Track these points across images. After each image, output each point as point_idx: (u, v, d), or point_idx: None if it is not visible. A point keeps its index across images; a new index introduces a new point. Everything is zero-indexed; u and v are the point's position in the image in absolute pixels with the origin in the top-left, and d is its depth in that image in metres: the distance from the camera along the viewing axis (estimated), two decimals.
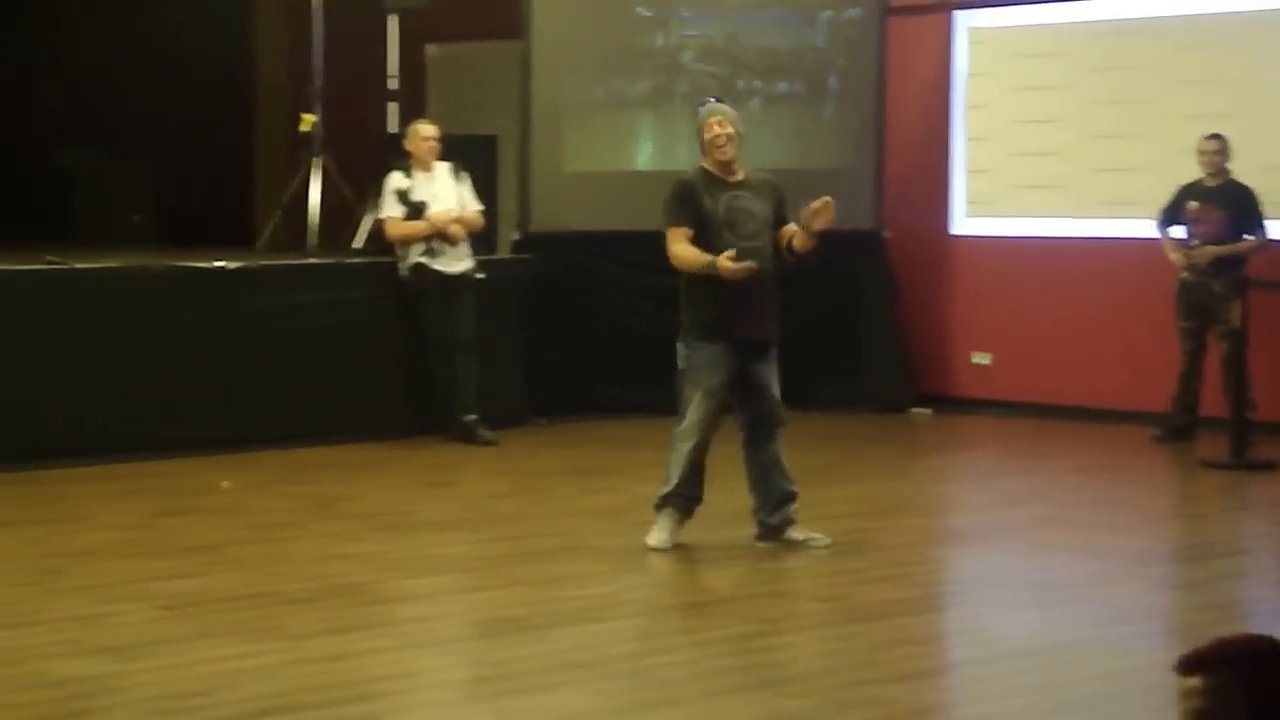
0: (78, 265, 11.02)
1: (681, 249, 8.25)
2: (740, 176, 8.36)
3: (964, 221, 13.55)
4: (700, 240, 8.22)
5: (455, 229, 11.65)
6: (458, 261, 11.74)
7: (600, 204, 13.12)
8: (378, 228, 12.04)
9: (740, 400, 8.33)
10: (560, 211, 13.04)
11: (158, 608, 7.21)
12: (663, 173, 13.46)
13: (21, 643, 6.66)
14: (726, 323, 8.20)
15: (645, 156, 13.69)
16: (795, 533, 8.37)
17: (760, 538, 8.37)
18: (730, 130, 8.31)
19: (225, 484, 10.04)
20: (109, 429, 10.67)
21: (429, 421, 11.74)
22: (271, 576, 7.80)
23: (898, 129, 13.48)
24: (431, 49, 15.39)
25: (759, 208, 8.32)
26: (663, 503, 8.35)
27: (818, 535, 8.38)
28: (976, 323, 13.42)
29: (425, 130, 11.80)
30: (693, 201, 8.27)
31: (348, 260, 12.31)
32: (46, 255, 11.12)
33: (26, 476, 10.01)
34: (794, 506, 8.40)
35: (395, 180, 11.72)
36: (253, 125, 16.11)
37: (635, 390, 12.90)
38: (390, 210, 11.73)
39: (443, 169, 11.79)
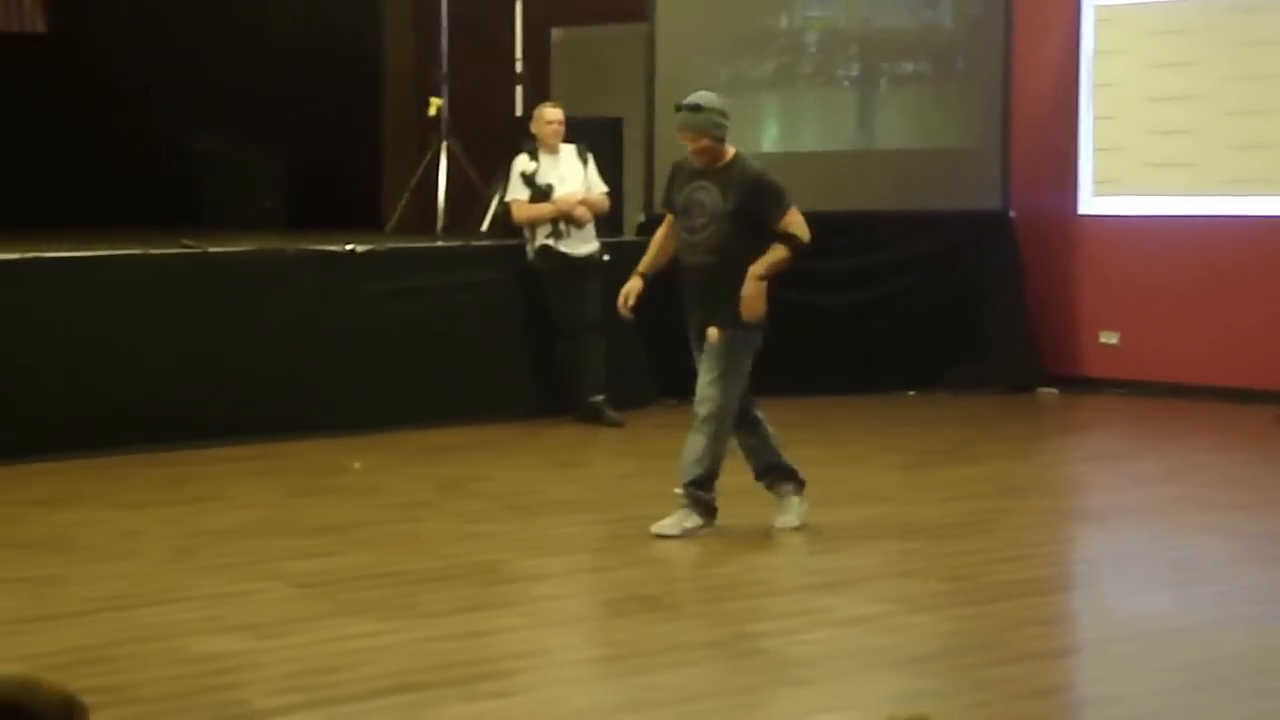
0: (211, 249, 11.18)
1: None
2: (719, 167, 8.33)
3: (1091, 200, 13.45)
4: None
5: (581, 211, 11.71)
6: (584, 244, 11.80)
7: None
8: (504, 210, 12.11)
9: None
10: None
11: (293, 586, 7.32)
12: (788, 154, 13.51)
13: (162, 620, 6.79)
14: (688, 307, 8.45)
15: (770, 138, 13.69)
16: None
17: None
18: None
19: (356, 465, 10.15)
20: (242, 411, 10.82)
21: (556, 403, 11.81)
22: (403, 556, 7.90)
23: (1024, 108, 13.39)
24: (557, 32, 15.46)
25: (712, 200, 8.31)
26: (793, 478, 8.37)
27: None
28: (1104, 302, 13.32)
29: (550, 114, 11.85)
30: (670, 187, 8.55)
31: (475, 243, 12.40)
32: (181, 240, 11.30)
33: (163, 458, 10.16)
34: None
35: (521, 163, 11.79)
36: (381, 110, 16.25)
37: (760, 370, 12.88)
38: (516, 193, 11.80)
39: (568, 151, 11.84)
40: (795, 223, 8.27)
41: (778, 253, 8.22)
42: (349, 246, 11.47)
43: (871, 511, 8.79)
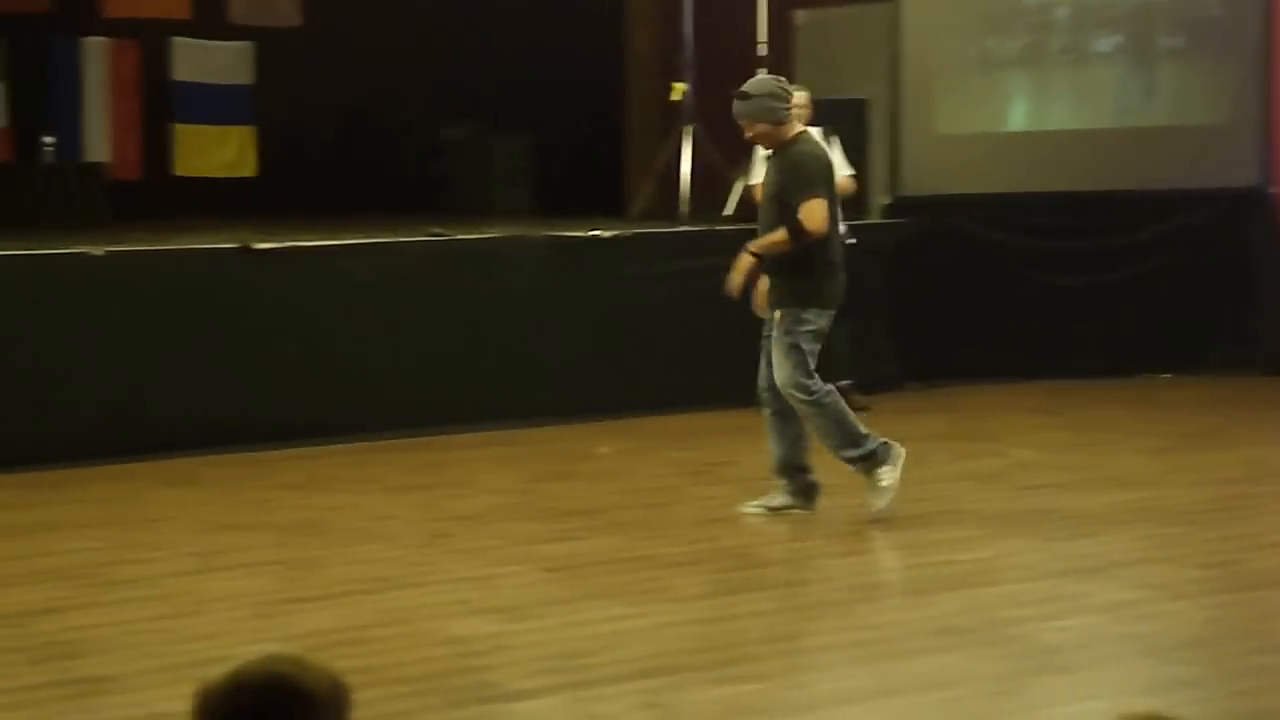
0: (457, 236, 11.30)
1: None
2: (778, 150, 8.39)
3: None
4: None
5: None
6: None
7: (972, 166, 12.98)
8: (748, 194, 12.07)
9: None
10: (931, 175, 12.93)
11: (543, 570, 7.37)
12: (1037, 134, 13.31)
13: (414, 603, 6.87)
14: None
15: (1018, 117, 13.49)
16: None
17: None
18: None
19: (603, 449, 10.20)
20: (490, 396, 10.92)
21: None
22: (651, 540, 7.91)
23: None
24: (800, 14, 15.36)
25: (767, 183, 8.41)
26: (874, 458, 8.21)
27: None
28: None
29: (795, 97, 11.78)
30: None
31: (719, 227, 12.38)
32: (430, 227, 11.44)
33: (414, 443, 10.29)
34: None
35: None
36: (625, 95, 16.30)
37: (1009, 354, 12.77)
38: (760, 177, 11.75)
39: (813, 134, 11.76)
40: (808, 210, 8.12)
41: (779, 234, 8.13)
42: (593, 232, 11.52)
43: (1125, 496, 8.61)
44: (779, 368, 8.12)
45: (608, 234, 11.54)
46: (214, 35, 15.43)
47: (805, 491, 8.28)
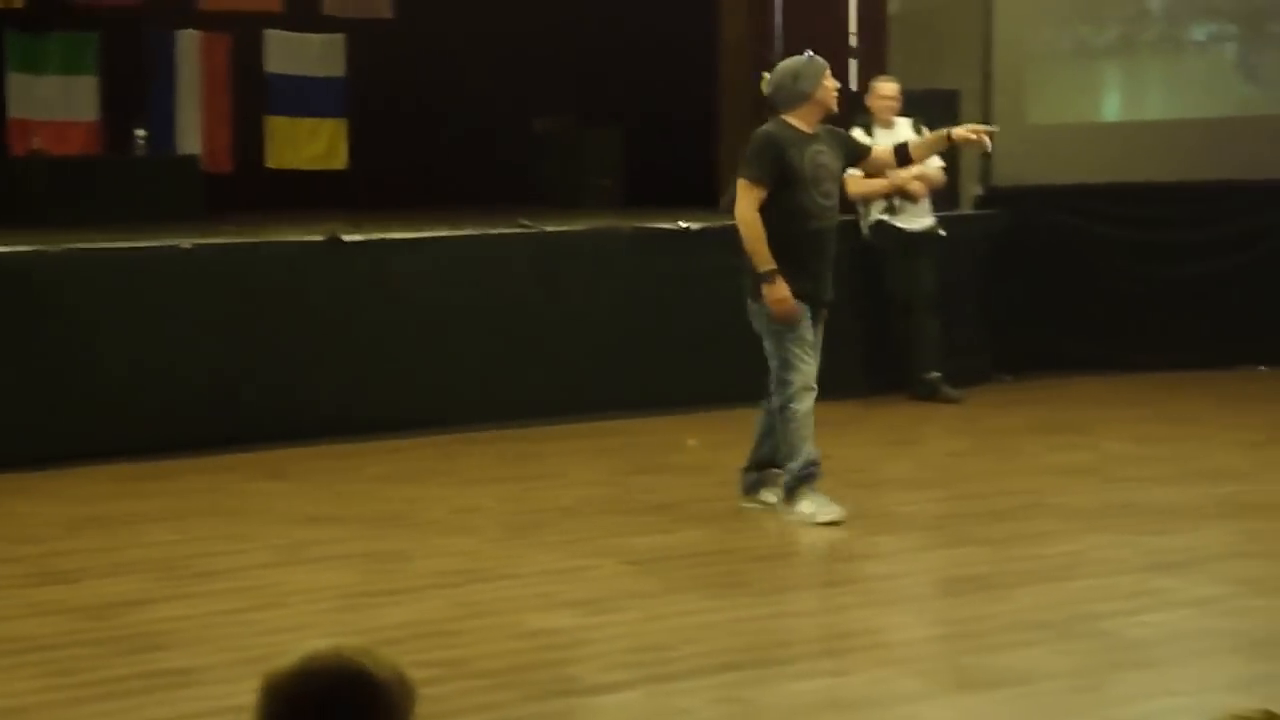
0: (548, 228, 11.31)
1: (754, 219, 7.99)
2: (814, 131, 8.10)
3: None
4: (785, 197, 7.96)
5: (917, 186, 11.57)
6: (919, 218, 11.67)
7: (1065, 157, 12.87)
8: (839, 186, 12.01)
9: None
10: (1024, 165, 12.82)
11: (626, 563, 7.36)
12: (1131, 124, 13.18)
13: (498, 595, 6.88)
14: (802, 280, 7.99)
15: (1112, 107, 13.38)
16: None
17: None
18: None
19: (691, 442, 10.17)
20: (578, 387, 10.93)
21: (892, 380, 11.69)
22: (736, 534, 7.89)
23: None
24: (892, 4, 15.28)
25: (833, 162, 8.15)
26: (806, 479, 8.02)
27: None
28: None
29: (885, 88, 11.74)
30: (780, 156, 8.00)
31: None
32: (519, 219, 11.45)
33: (501, 435, 10.31)
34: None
35: (856, 137, 11.68)
36: (715, 86, 16.27)
37: (1103, 346, 12.66)
38: (852, 168, 11.70)
39: (903, 125, 11.71)
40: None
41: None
42: (683, 224, 11.50)
43: (1217, 490, 8.51)
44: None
45: (696, 226, 11.52)
46: (306, 28, 15.53)
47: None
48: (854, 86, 12.96)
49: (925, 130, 11.69)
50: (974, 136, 8.41)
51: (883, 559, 7.62)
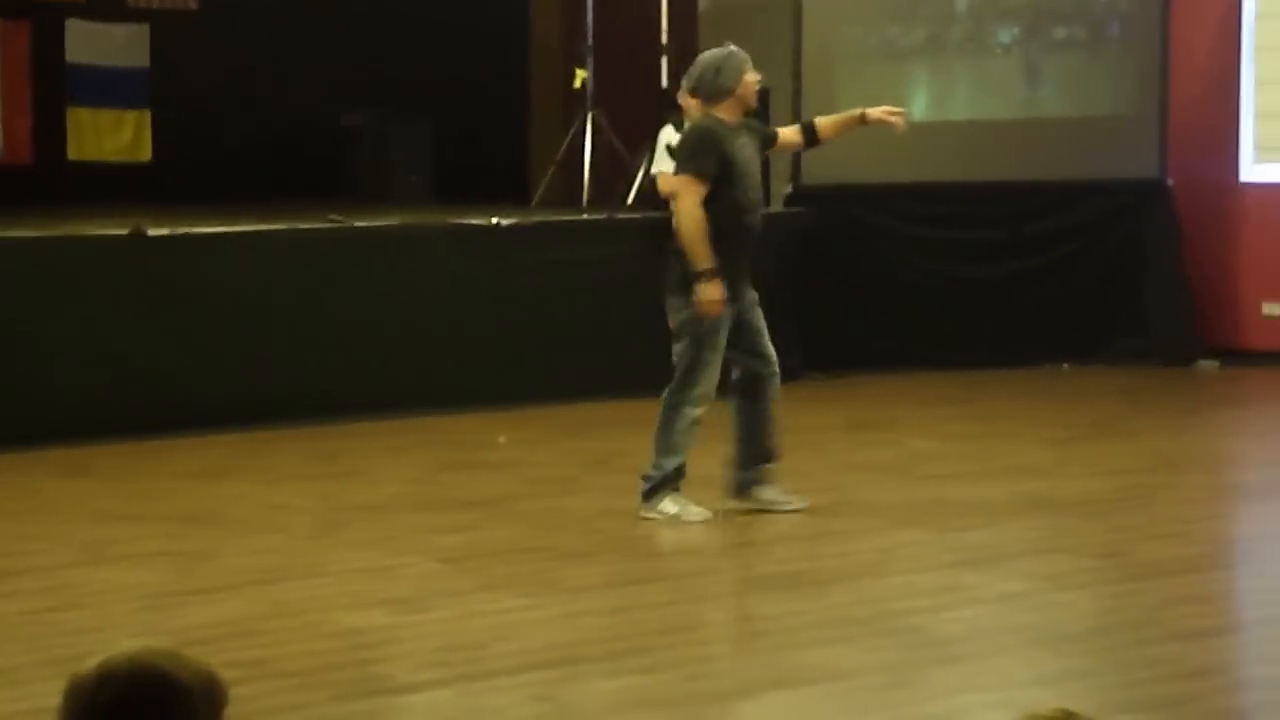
0: (358, 223, 11.21)
1: (699, 215, 7.83)
2: (737, 124, 8.09)
3: (1253, 168, 13.14)
4: (721, 191, 7.88)
5: None
6: None
7: (873, 156, 12.96)
8: (651, 182, 12.05)
9: (738, 353, 8.10)
10: (832, 164, 12.91)
11: (438, 561, 7.31)
12: (938, 124, 13.32)
13: (307, 594, 6.80)
14: (732, 276, 7.90)
15: (919, 107, 13.50)
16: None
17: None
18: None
19: (502, 439, 10.14)
20: (389, 384, 10.85)
21: None
22: (549, 530, 7.87)
23: (1183, 74, 13.10)
24: (703, 2, 15.35)
25: (755, 154, 8.17)
26: (674, 479, 7.97)
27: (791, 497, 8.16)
28: (1267, 272, 13.02)
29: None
30: (719, 149, 7.90)
31: (621, 215, 12.35)
32: (329, 214, 11.34)
33: (310, 433, 10.21)
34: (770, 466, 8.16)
35: (668, 134, 11.70)
36: (527, 82, 16.24)
37: (911, 343, 12.81)
38: (663, 165, 11.72)
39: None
40: None
41: None
42: (494, 220, 11.46)
43: (1022, 486, 8.63)
44: None
45: (508, 222, 11.48)
46: (109, 18, 15.24)
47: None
48: (665, 83, 12.97)
49: None
50: (889, 119, 8.32)
51: (694, 556, 7.64)
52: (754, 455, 8.18)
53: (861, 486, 8.79)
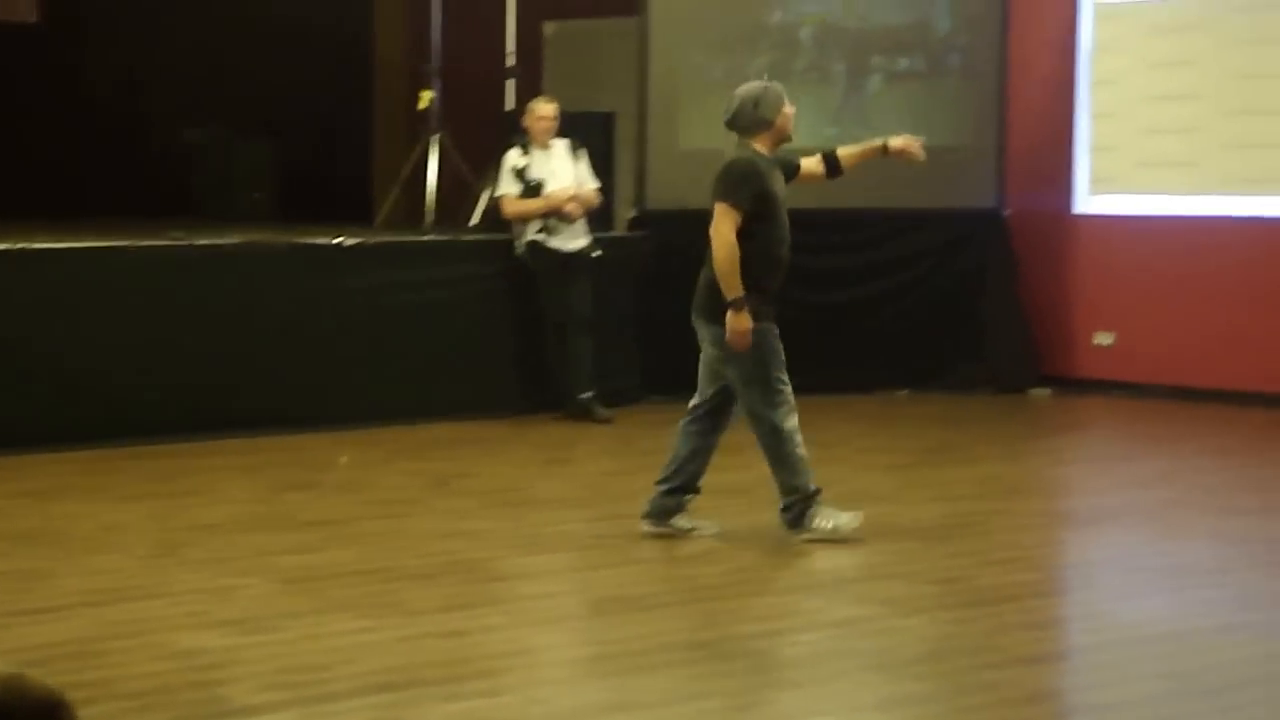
0: (199, 241, 11.11)
1: (734, 244, 7.91)
2: (772, 157, 8.21)
3: (1088, 199, 13.39)
4: (760, 224, 7.99)
5: (572, 206, 11.66)
6: (574, 239, 11.75)
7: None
8: (494, 205, 12.06)
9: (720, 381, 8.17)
10: (677, 189, 12.98)
11: (279, 582, 7.26)
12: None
13: (146, 615, 6.72)
14: (764, 304, 8.07)
15: None
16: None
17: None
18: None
19: (343, 460, 10.09)
20: (230, 405, 10.76)
21: (545, 399, 11.75)
22: (390, 552, 7.83)
23: (1020, 106, 13.34)
24: (549, 26, 15.39)
25: (784, 186, 8.25)
26: (813, 496, 8.12)
27: (705, 523, 8.27)
28: (1099, 303, 13.27)
29: (542, 109, 11.79)
30: (760, 184, 8.02)
31: (464, 237, 12.34)
32: (170, 232, 11.23)
33: (152, 451, 10.10)
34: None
35: (513, 157, 11.73)
36: (372, 102, 16.18)
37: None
38: (507, 187, 11.75)
39: (560, 146, 11.79)
40: None
41: None
42: (337, 239, 11.40)
43: (862, 512, 8.71)
44: None
45: (351, 242, 11.42)
46: None
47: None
48: (511, 106, 12.98)
49: (584, 152, 11.83)
50: (911, 150, 8.42)
51: (536, 579, 7.63)
52: (685, 484, 8.25)
53: (704, 510, 8.81)
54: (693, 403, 8.29)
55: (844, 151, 8.56)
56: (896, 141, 8.48)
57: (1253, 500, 9.38)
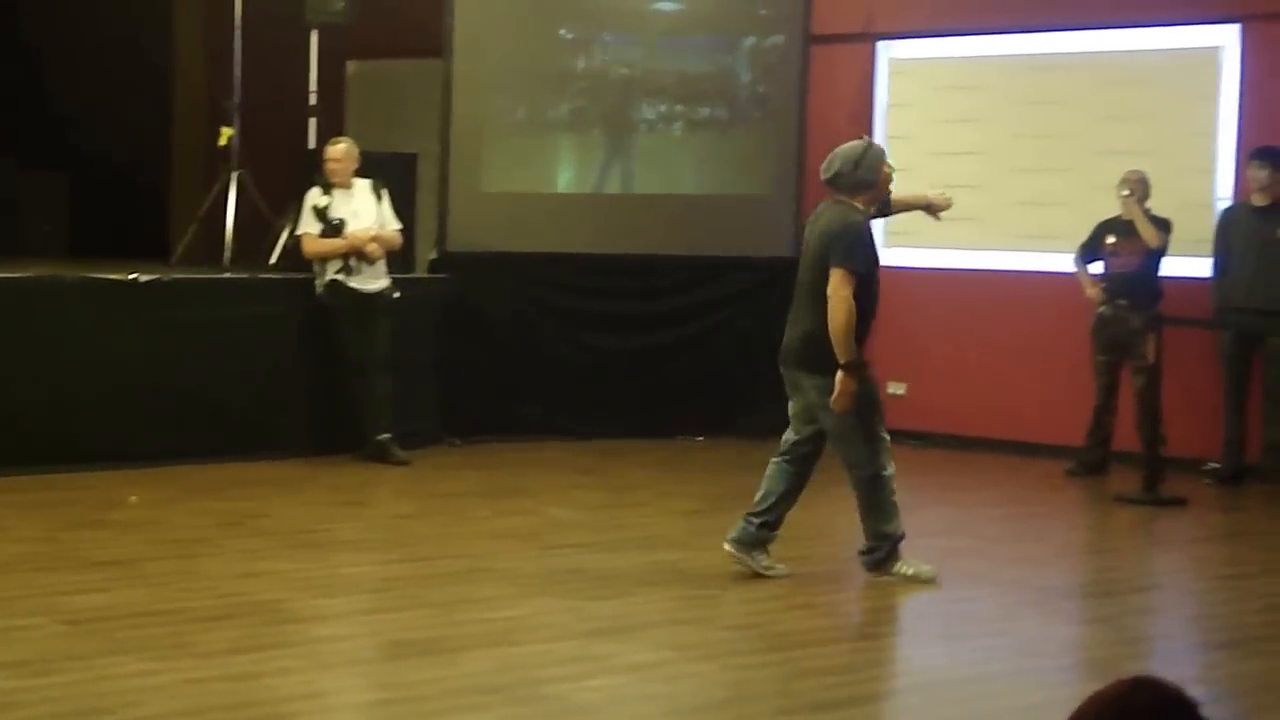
0: None
1: (850, 314, 8.12)
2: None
3: (882, 252, 13.51)
4: (863, 286, 8.19)
5: (373, 247, 11.60)
6: (374, 280, 11.68)
7: (518, 225, 13.09)
8: (294, 244, 11.95)
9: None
10: (478, 232, 12.99)
11: (63, 622, 7.10)
12: (581, 196, 13.49)
13: None
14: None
15: (565, 179, 13.67)
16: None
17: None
18: None
19: (132, 499, 9.93)
20: (16, 440, 10.54)
21: (342, 440, 11.66)
22: (180, 593, 7.71)
23: (818, 157, 13.37)
24: (352, 65, 15.31)
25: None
26: (897, 543, 8.45)
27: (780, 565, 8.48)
28: (892, 353, 13.41)
29: (330, 151, 11.75)
30: (873, 249, 8.35)
31: (263, 276, 12.21)
32: None
33: None
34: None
35: (314, 196, 11.64)
36: (170, 138, 15.99)
37: (550, 412, 12.90)
38: (308, 226, 11.66)
39: (362, 186, 11.73)
40: None
41: None
42: (132, 276, 11.23)
43: (655, 557, 8.74)
44: None
45: (146, 278, 11.26)
46: None
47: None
48: (312, 145, 12.89)
49: (386, 193, 11.79)
50: (941, 202, 8.78)
51: (328, 621, 7.55)
52: (775, 521, 8.45)
53: (499, 554, 8.80)
54: (790, 440, 8.48)
55: (896, 198, 8.74)
56: (934, 195, 8.90)
57: (1038, 549, 9.55)
